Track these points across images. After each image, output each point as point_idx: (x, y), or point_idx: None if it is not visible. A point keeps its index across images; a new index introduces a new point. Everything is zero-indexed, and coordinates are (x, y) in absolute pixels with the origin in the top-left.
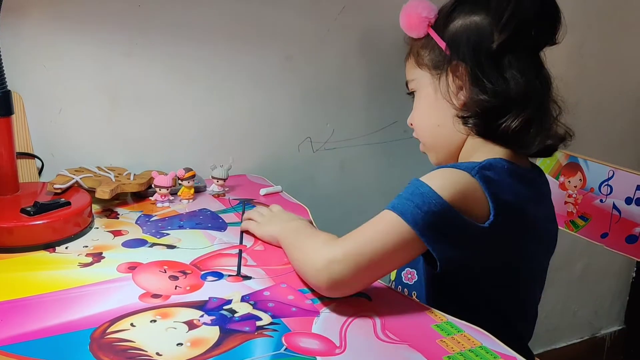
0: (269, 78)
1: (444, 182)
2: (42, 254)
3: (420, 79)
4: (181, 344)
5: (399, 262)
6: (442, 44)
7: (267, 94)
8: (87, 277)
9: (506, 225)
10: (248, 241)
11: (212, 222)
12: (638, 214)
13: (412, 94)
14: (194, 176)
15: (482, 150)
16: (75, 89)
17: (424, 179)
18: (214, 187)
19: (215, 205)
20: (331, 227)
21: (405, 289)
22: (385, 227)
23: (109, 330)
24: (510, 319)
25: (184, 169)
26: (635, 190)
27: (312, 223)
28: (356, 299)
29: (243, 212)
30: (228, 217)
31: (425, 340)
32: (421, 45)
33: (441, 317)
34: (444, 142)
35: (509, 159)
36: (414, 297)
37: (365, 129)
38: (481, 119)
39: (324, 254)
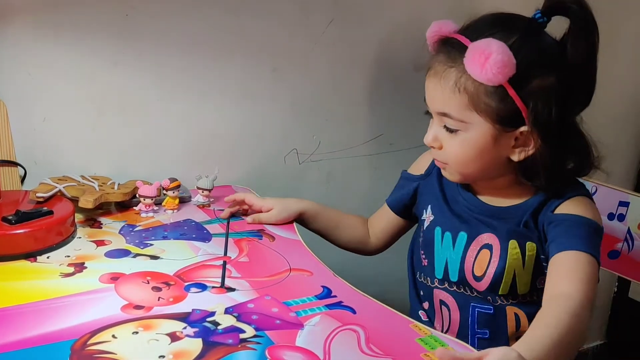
0: (256, 89)
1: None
2: (23, 264)
3: (476, 125)
4: (163, 357)
5: None
6: (522, 107)
7: (253, 105)
8: (69, 288)
9: None
10: (232, 252)
11: (197, 232)
12: (620, 229)
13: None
14: (178, 186)
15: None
16: (60, 97)
17: (586, 215)
18: (199, 198)
19: (200, 216)
20: (317, 238)
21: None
22: (594, 271)
23: (90, 342)
24: None
25: (168, 179)
26: (618, 206)
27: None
28: (340, 311)
29: (228, 224)
30: (213, 228)
31: (409, 354)
32: (485, 92)
33: (425, 330)
34: (481, 175)
35: None
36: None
37: (351, 141)
38: (541, 174)
39: (585, 309)
